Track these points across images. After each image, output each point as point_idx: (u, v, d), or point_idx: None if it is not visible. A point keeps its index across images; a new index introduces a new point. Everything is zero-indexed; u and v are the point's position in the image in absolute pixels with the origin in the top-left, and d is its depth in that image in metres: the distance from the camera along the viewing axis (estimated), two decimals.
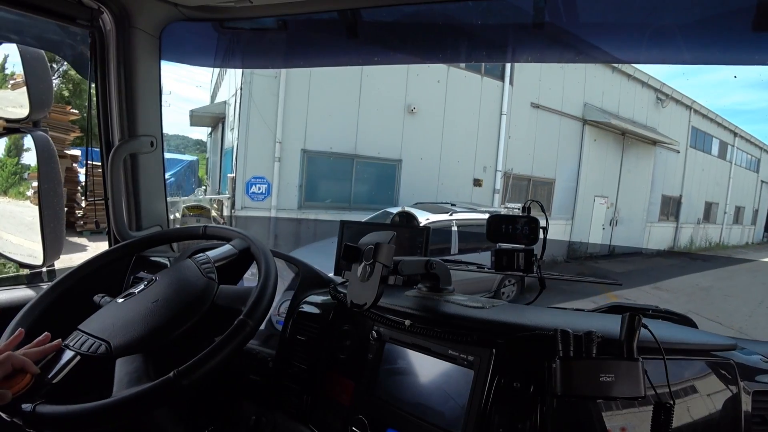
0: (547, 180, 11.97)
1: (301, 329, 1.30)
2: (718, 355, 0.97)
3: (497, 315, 1.06)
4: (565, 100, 11.67)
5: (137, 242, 1.34)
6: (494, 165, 10.93)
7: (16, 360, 0.85)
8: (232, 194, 8.46)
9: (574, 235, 12.41)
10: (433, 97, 9.86)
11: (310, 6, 1.43)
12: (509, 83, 10.65)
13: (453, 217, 6.99)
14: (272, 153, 8.56)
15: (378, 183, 9.67)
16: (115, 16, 1.45)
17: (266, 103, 8.36)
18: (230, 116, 9.99)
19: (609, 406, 0.86)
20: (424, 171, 9.92)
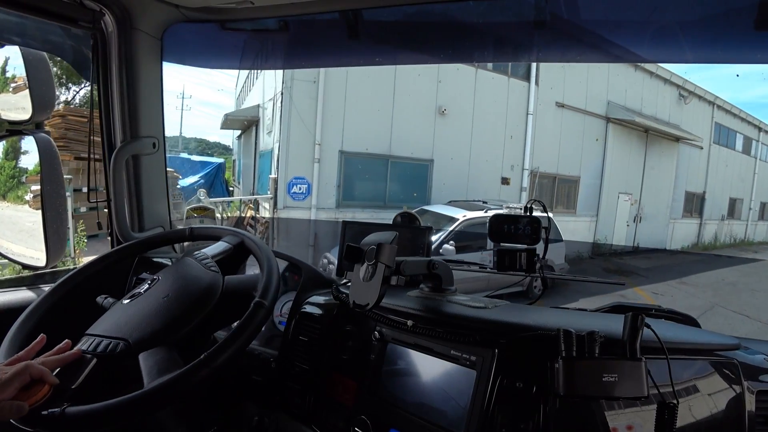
0: (572, 178, 12.23)
1: (304, 330, 1.30)
2: (721, 355, 0.97)
3: (500, 315, 1.06)
4: (589, 98, 11.95)
5: (138, 243, 1.34)
6: (521, 164, 11.30)
7: (34, 370, 0.82)
8: (274, 194, 8.90)
9: (598, 232, 12.66)
10: (462, 99, 10.23)
11: (311, 7, 1.43)
12: (535, 84, 10.99)
13: (488, 213, 6.98)
14: (312, 154, 9.05)
15: (411, 182, 10.08)
16: (116, 18, 1.46)
17: (306, 107, 8.85)
18: (266, 119, 10.60)
19: (612, 406, 0.86)
20: (455, 170, 10.31)
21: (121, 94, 1.53)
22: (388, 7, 1.46)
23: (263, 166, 11.14)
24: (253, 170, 12.46)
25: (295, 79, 8.68)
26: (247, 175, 14.17)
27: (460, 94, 10.21)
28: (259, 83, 12.16)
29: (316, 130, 9.01)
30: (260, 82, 11.90)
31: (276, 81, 9.13)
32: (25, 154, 1.52)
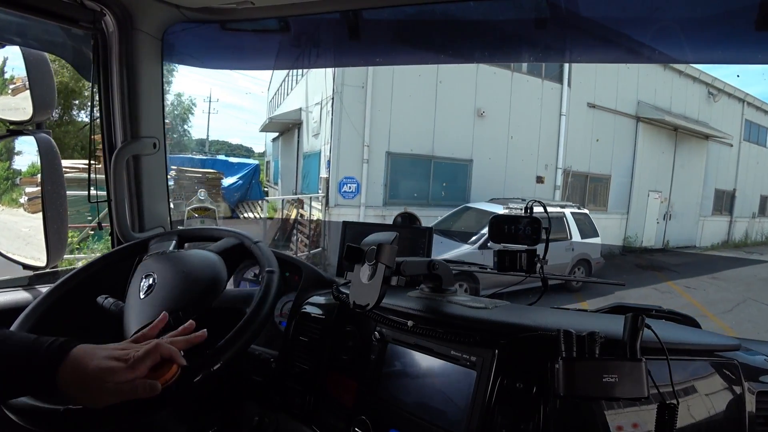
0: (604, 176, 12.65)
1: (304, 330, 1.30)
2: (721, 356, 0.97)
3: (500, 315, 1.06)
4: (620, 99, 12.35)
5: (140, 243, 1.34)
6: (555, 163, 11.82)
7: (164, 350, 0.82)
8: (326, 193, 9.63)
9: (629, 229, 13.00)
10: (499, 101, 10.87)
11: (312, 7, 1.43)
12: (567, 85, 11.50)
13: None
14: (361, 155, 9.77)
15: (452, 181, 10.75)
16: (117, 18, 1.46)
17: (355, 111, 9.57)
18: (312, 123, 11.38)
19: (612, 407, 0.86)
20: (492, 169, 10.94)
21: (122, 95, 1.53)
22: (389, 7, 1.46)
23: (308, 167, 11.89)
24: (296, 171, 13.18)
25: (345, 85, 9.42)
26: (286, 175, 14.99)
27: (497, 96, 10.82)
28: (300, 88, 13.01)
29: (364, 132, 9.72)
30: (301, 87, 12.72)
31: (326, 85, 9.84)
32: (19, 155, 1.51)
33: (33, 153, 1.48)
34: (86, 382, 0.74)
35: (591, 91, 12.01)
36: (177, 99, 19.63)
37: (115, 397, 0.75)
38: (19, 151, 1.50)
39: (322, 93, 10.41)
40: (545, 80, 11.54)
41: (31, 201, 1.52)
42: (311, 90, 11.60)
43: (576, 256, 8.31)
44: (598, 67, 11.88)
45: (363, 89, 9.61)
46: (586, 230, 8.63)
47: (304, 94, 12.38)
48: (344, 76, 9.43)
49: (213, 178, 12.52)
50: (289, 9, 1.46)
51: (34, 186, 1.52)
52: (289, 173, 14.41)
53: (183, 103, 19.56)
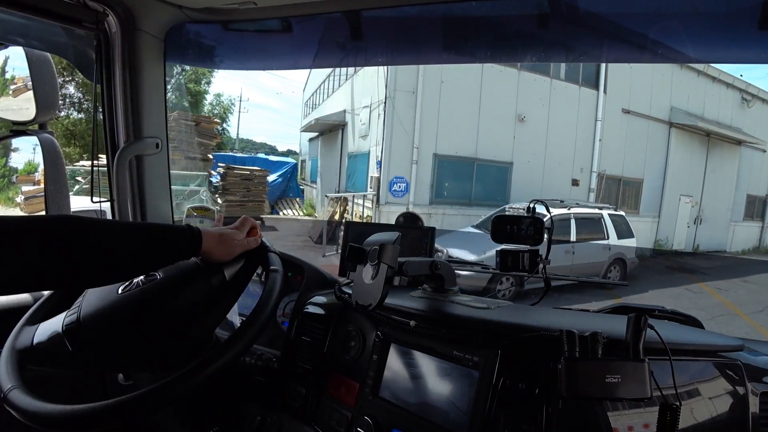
0: (636, 180, 13.04)
1: (306, 330, 1.30)
2: (725, 356, 0.97)
3: (502, 316, 1.06)
4: (653, 104, 12.72)
5: None
6: (589, 166, 12.39)
7: (251, 221, 1.10)
8: (377, 191, 10.34)
9: (660, 232, 13.31)
10: (538, 107, 11.42)
11: (314, 7, 1.43)
12: (603, 92, 11.97)
13: (571, 210, 8.47)
14: (410, 156, 10.45)
15: (493, 183, 11.35)
16: (120, 19, 1.46)
17: (406, 114, 10.27)
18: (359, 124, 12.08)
19: (615, 407, 0.86)
20: (531, 172, 11.46)
21: (125, 95, 1.53)
22: (392, 8, 1.46)
23: (353, 167, 12.67)
24: (339, 170, 13.88)
25: (397, 90, 10.17)
26: (326, 174, 15.65)
27: (536, 102, 11.37)
28: (343, 91, 13.97)
29: (414, 134, 10.42)
30: (345, 90, 13.72)
31: (378, 90, 10.61)
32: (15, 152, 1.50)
33: (29, 151, 1.48)
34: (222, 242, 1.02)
35: (626, 97, 12.42)
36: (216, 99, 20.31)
37: (239, 248, 1.04)
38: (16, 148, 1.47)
39: (371, 97, 11.19)
40: (582, 87, 12.07)
41: (28, 201, 1.51)
42: (357, 93, 12.44)
43: (612, 255, 8.75)
44: (633, 74, 12.30)
45: (413, 94, 10.31)
46: (623, 231, 9.14)
47: (348, 97, 13.28)
48: (396, 82, 10.17)
49: (260, 176, 12.99)
50: (292, 9, 1.46)
51: (31, 185, 1.51)
52: (329, 172, 15.14)
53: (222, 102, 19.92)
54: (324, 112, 15.95)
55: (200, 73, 18.24)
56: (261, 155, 19.22)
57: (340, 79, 14.73)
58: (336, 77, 15.49)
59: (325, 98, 17.40)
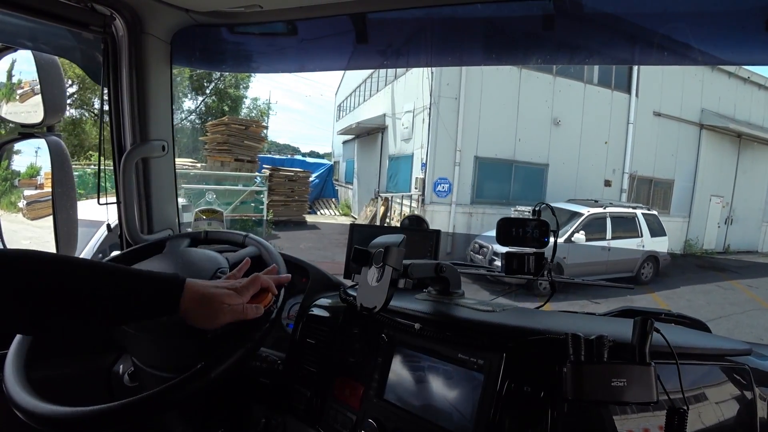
0: (667, 180, 13.42)
1: (311, 332, 1.30)
2: (732, 360, 0.96)
3: (507, 319, 1.06)
4: (684, 107, 13.10)
5: (156, 245, 1.35)
6: (621, 167, 12.84)
7: (263, 281, 0.97)
8: (422, 192, 11.09)
9: (690, 232, 13.61)
10: (573, 111, 12.04)
11: (320, 11, 1.43)
12: (635, 95, 12.45)
13: (607, 210, 9.07)
14: (453, 158, 11.17)
15: (530, 183, 11.96)
16: (127, 23, 1.47)
17: (449, 119, 11.01)
18: (402, 128, 12.83)
19: (621, 412, 0.85)
20: (565, 173, 12.10)
21: (131, 98, 1.54)
22: (397, 10, 1.46)
23: (395, 168, 13.42)
24: (378, 171, 14.67)
25: (441, 97, 10.91)
26: (363, 175, 16.58)
27: (571, 106, 12.00)
28: (382, 96, 14.81)
29: (457, 138, 11.11)
30: (385, 95, 14.56)
31: (423, 96, 11.27)
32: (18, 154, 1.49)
33: (32, 154, 1.48)
34: (206, 304, 0.87)
35: (657, 100, 12.78)
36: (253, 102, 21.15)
37: (229, 317, 0.89)
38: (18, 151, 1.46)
39: (414, 103, 11.94)
40: (615, 91, 12.59)
41: (30, 206, 1.49)
42: (399, 99, 13.26)
43: (645, 252, 9.24)
44: (664, 78, 12.68)
45: (456, 100, 11.04)
46: (655, 230, 9.67)
47: (388, 102, 14.13)
48: (440, 89, 10.92)
49: (303, 177, 13.57)
50: (297, 12, 1.47)
51: (33, 188, 1.51)
52: (367, 173, 15.98)
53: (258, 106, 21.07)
54: (360, 116, 16.69)
55: (240, 78, 18.90)
56: (298, 157, 19.96)
57: (378, 84, 15.54)
58: (373, 81, 16.28)
59: (360, 102, 18.25)
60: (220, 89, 18.55)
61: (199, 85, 18.46)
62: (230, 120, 12.71)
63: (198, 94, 18.59)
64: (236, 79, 18.67)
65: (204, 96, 18.81)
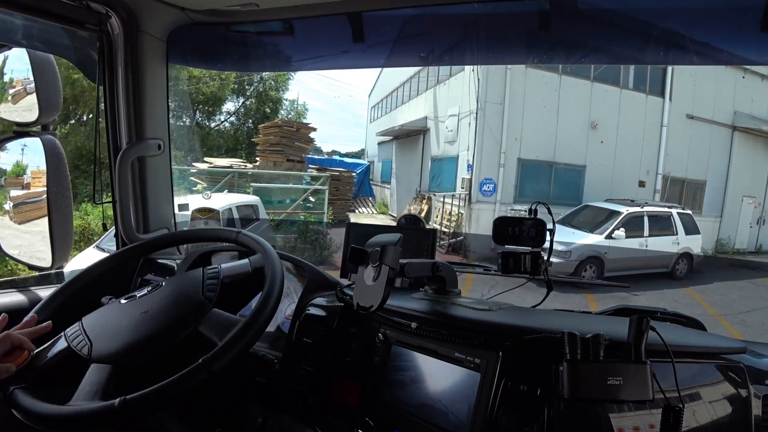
0: (699, 181, 13.75)
1: (308, 331, 1.30)
2: (727, 359, 0.97)
3: (504, 318, 1.06)
4: (716, 109, 13.46)
5: (147, 244, 1.34)
6: (655, 169, 13.21)
7: (14, 338, 0.94)
8: (468, 191, 11.71)
9: (722, 231, 13.85)
10: (609, 114, 12.56)
11: (317, 9, 1.43)
12: (669, 99, 13.04)
13: (644, 209, 9.65)
14: (498, 160, 11.79)
15: (568, 184, 12.54)
16: (122, 21, 1.46)
17: (494, 123, 11.61)
18: (446, 131, 13.46)
19: (617, 410, 0.86)
20: (602, 174, 12.59)
21: (127, 96, 1.54)
22: (393, 9, 1.46)
23: (438, 169, 14.01)
24: (420, 172, 15.34)
25: (487, 102, 11.51)
26: (402, 175, 17.32)
27: (607, 110, 12.52)
28: (423, 99, 15.46)
29: (502, 141, 11.70)
30: (426, 99, 15.17)
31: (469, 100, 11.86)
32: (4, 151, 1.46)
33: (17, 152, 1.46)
34: None
35: (690, 103, 13.20)
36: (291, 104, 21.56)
37: None
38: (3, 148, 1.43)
39: (459, 107, 12.56)
40: (649, 95, 13.05)
41: (17, 208, 1.47)
42: (441, 103, 13.93)
43: (680, 249, 9.70)
44: (696, 81, 13.05)
45: (501, 105, 11.65)
46: (690, 228, 10.07)
47: (430, 106, 14.76)
48: (487, 94, 11.52)
49: (347, 177, 14.36)
50: (294, 11, 1.47)
51: (20, 188, 1.49)
52: (407, 173, 16.73)
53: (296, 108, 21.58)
54: (399, 118, 17.58)
55: (279, 82, 19.51)
56: (336, 157, 20.27)
57: (419, 87, 16.20)
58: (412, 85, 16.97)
59: (398, 105, 18.96)
60: (260, 92, 19.26)
61: (240, 87, 19.09)
62: (282, 122, 13.65)
63: (239, 96, 19.33)
64: (276, 81, 19.39)
65: (245, 98, 19.54)
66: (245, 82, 18.96)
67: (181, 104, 16.26)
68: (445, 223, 12.03)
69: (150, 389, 0.85)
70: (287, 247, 9.06)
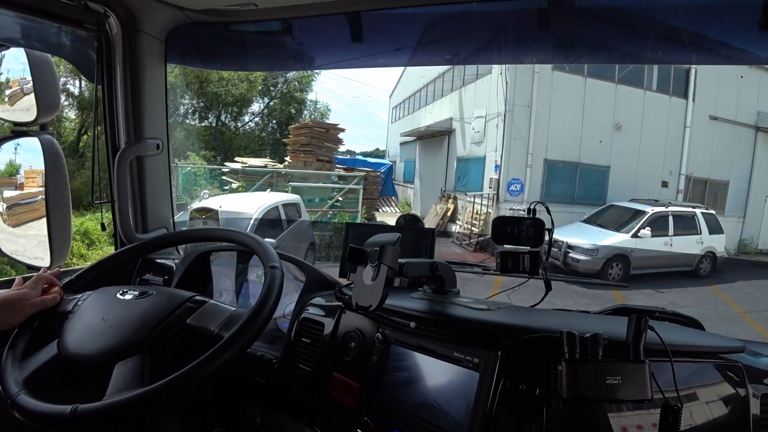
0: (722, 182, 13.84)
1: (307, 331, 1.30)
2: (726, 358, 0.97)
3: (503, 317, 1.06)
4: (740, 110, 13.56)
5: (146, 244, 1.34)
6: (678, 169, 13.37)
7: (48, 278, 1.11)
8: (496, 191, 12.05)
9: (744, 231, 13.93)
10: (633, 116, 12.74)
11: (315, 9, 1.43)
12: (692, 100, 13.16)
13: (669, 208, 9.91)
14: (525, 161, 12.08)
15: (593, 184, 12.75)
16: (121, 20, 1.46)
17: (522, 125, 11.91)
18: (471, 132, 13.82)
19: (615, 409, 0.86)
20: (625, 174, 12.77)
21: (125, 96, 1.53)
22: (392, 9, 1.46)
23: (464, 169, 14.32)
24: (445, 172, 15.60)
25: (515, 105, 11.81)
26: (426, 175, 17.57)
27: (631, 112, 12.71)
28: (448, 101, 15.75)
29: (529, 142, 11.99)
30: (451, 101, 15.49)
31: (497, 102, 12.16)
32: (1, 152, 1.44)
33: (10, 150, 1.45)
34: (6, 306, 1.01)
35: (713, 104, 13.22)
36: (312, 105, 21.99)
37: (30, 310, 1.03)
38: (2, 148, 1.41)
39: (486, 109, 12.86)
40: (672, 96, 13.20)
41: (11, 210, 1.45)
42: (468, 105, 14.22)
43: (704, 248, 9.93)
44: (720, 82, 13.13)
45: (528, 108, 11.94)
46: (714, 228, 10.28)
47: (456, 107, 15.03)
48: (515, 96, 11.81)
49: (375, 176, 14.90)
50: (292, 11, 1.47)
51: (13, 188, 1.48)
52: (431, 173, 16.96)
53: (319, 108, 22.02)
54: (422, 119, 18.02)
55: (304, 83, 20.01)
56: (359, 157, 20.46)
57: (443, 89, 16.51)
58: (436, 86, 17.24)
59: (420, 106, 19.30)
60: (284, 93, 19.80)
61: (265, 88, 19.55)
62: (313, 123, 14.26)
63: (263, 96, 19.89)
64: (301, 83, 19.91)
65: (270, 98, 20.06)
66: (270, 84, 19.43)
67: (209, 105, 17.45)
68: (472, 221, 12.34)
69: (149, 388, 0.85)
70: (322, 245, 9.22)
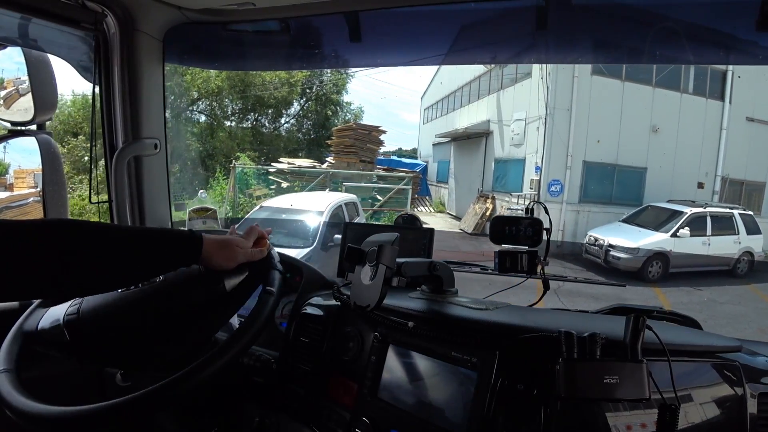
0: (759, 183, 14.07)
1: (305, 331, 1.30)
2: (723, 357, 0.97)
3: (501, 317, 1.06)
4: None
5: None
6: (714, 171, 13.56)
7: (259, 230, 1.11)
8: (537, 192, 12.31)
9: None
10: (670, 118, 12.91)
11: (313, 8, 1.43)
12: (728, 102, 13.35)
13: (707, 209, 10.16)
14: (565, 162, 12.42)
15: (630, 185, 13.05)
16: (118, 20, 1.46)
17: (562, 128, 12.23)
18: (510, 134, 14.26)
19: (613, 408, 0.86)
20: (662, 176, 13.01)
21: (123, 96, 1.53)
22: (390, 8, 1.46)
23: (502, 170, 14.80)
24: (482, 173, 16.02)
25: (556, 108, 12.17)
26: (461, 176, 17.92)
27: (668, 114, 12.90)
28: (485, 103, 16.17)
29: (569, 144, 12.32)
30: (488, 103, 15.92)
31: (537, 106, 12.53)
32: None
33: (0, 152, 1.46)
34: (224, 248, 1.01)
35: (750, 106, 13.40)
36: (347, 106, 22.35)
37: (242, 257, 1.03)
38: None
39: (526, 112, 13.28)
40: (709, 99, 13.39)
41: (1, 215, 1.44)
42: (506, 107, 14.67)
43: (742, 248, 10.17)
44: (759, 83, 13.12)
45: (568, 111, 12.26)
46: (751, 228, 10.51)
47: (493, 110, 15.48)
48: (555, 101, 12.16)
49: (415, 177, 15.21)
50: (290, 10, 1.47)
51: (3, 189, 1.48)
52: (467, 174, 17.31)
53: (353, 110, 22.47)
54: (456, 120, 18.44)
55: (340, 86, 20.37)
56: (394, 158, 20.88)
57: (479, 91, 16.93)
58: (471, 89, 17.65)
59: (454, 108, 19.72)
60: (320, 95, 20.18)
61: (303, 91, 19.81)
62: (356, 125, 14.86)
63: (301, 98, 20.23)
64: (336, 85, 20.29)
65: (306, 100, 20.46)
66: (306, 86, 19.76)
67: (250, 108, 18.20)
68: None
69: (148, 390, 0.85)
70: None
